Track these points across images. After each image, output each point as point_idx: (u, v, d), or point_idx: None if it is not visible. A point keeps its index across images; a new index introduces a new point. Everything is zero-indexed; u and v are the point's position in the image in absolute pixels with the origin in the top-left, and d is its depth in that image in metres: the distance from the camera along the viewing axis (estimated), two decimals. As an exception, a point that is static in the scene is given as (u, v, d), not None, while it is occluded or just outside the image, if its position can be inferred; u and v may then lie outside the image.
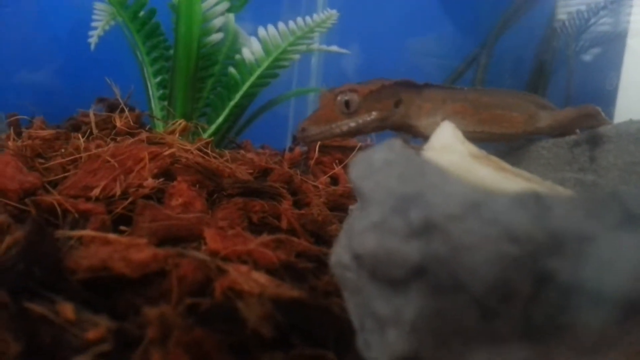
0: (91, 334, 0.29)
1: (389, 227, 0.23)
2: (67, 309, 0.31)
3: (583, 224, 0.22)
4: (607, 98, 1.42)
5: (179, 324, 0.29)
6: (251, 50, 0.92)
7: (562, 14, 1.49)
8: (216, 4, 0.87)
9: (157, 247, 0.40)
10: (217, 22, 0.89)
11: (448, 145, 0.39)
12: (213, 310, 0.33)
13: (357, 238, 0.25)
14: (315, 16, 0.91)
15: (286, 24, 0.91)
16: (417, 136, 0.55)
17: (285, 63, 0.95)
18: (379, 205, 0.25)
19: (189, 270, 0.37)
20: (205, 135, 0.93)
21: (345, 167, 0.84)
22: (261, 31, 0.92)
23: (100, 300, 0.35)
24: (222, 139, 0.99)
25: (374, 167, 0.28)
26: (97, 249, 0.38)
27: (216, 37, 0.91)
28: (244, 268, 0.39)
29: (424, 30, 1.53)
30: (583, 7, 1.35)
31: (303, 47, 0.95)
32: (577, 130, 0.56)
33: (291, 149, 1.01)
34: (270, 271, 0.40)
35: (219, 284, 0.35)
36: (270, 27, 0.92)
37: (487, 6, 1.59)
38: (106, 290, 0.36)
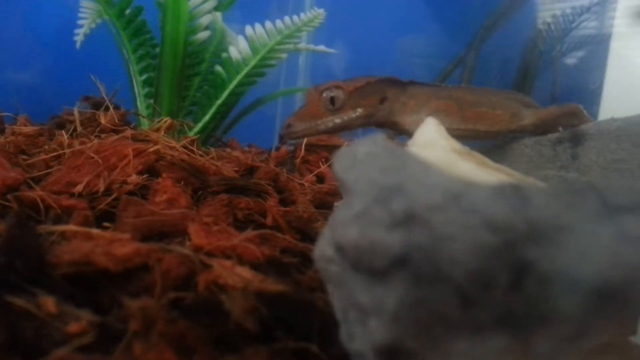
0: (72, 327, 0.29)
1: (371, 218, 0.23)
2: (49, 303, 0.30)
3: (561, 214, 0.23)
4: (592, 99, 1.44)
5: (162, 316, 0.29)
6: (238, 48, 0.92)
7: (547, 17, 1.51)
8: (203, 2, 0.87)
9: (141, 242, 0.39)
10: (204, 20, 0.89)
11: (431, 141, 0.39)
12: (197, 303, 0.33)
13: (339, 229, 0.25)
14: (302, 15, 0.91)
15: (273, 22, 0.91)
16: (401, 133, 0.55)
17: (273, 62, 0.95)
18: (361, 196, 0.25)
19: (173, 265, 0.37)
20: (191, 134, 0.92)
21: (331, 166, 0.85)
22: (248, 30, 0.92)
23: (83, 295, 0.35)
24: (209, 137, 0.98)
25: (357, 159, 0.28)
26: (80, 243, 0.38)
27: (203, 35, 0.90)
28: (228, 263, 0.38)
29: (411, 31, 1.54)
30: (568, 10, 1.37)
31: (290, 46, 0.95)
32: (560, 128, 0.56)
33: (277, 148, 1.01)
34: (255, 266, 0.40)
35: (202, 278, 0.35)
36: (258, 26, 0.92)
37: (474, 8, 1.60)
38: (88, 285, 0.36)
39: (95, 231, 0.39)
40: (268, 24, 0.92)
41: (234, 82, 0.94)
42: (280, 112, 1.44)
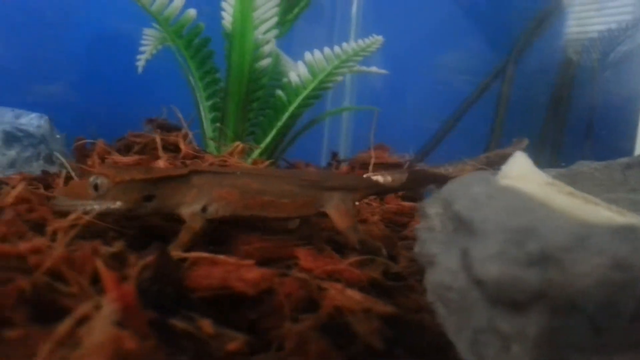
0: (231, 346, 0.34)
1: (509, 257, 0.28)
2: (206, 324, 0.35)
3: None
4: (630, 113, 1.45)
5: (313, 337, 0.34)
6: (298, 73, 0.97)
7: (594, 27, 1.53)
8: (266, 31, 0.92)
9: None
10: (267, 48, 0.94)
11: (523, 174, 0.43)
12: (326, 324, 0.37)
13: (479, 266, 0.29)
14: (360, 41, 0.95)
15: (332, 48, 0.96)
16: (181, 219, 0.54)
17: (329, 85, 1.00)
18: (494, 237, 0.29)
19: (294, 288, 0.42)
20: (255, 155, 0.98)
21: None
22: (307, 55, 0.97)
23: (220, 316, 0.40)
24: (269, 157, 1.04)
25: (478, 201, 0.32)
26: (209, 269, 0.43)
27: (265, 62, 0.96)
28: (338, 286, 0.43)
29: (452, 47, 1.57)
30: (613, 26, 1.39)
31: (346, 70, 1.00)
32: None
33: (337, 166, 1.06)
34: (360, 289, 0.44)
35: (328, 301, 0.39)
36: (316, 52, 0.97)
37: (514, 20, 1.63)
38: (222, 307, 0.41)
39: (221, 257, 0.44)
40: (326, 49, 0.97)
41: (294, 105, 0.99)
42: (328, 129, 1.49)
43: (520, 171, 0.44)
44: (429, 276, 0.38)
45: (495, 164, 0.74)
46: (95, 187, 0.49)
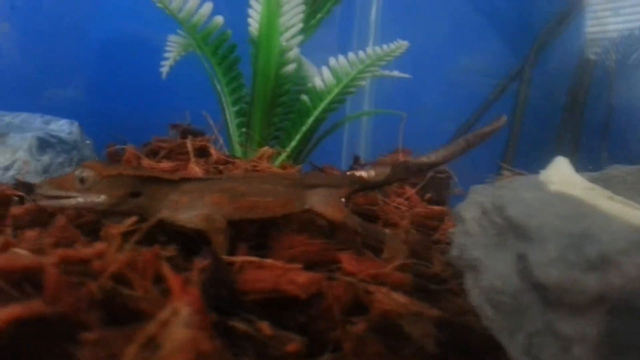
0: (291, 347, 0.35)
1: (568, 262, 0.29)
2: (265, 326, 0.36)
3: None
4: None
5: (369, 339, 0.35)
6: (322, 78, 0.99)
7: (614, 27, 1.53)
8: (291, 37, 0.94)
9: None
10: (292, 54, 0.96)
11: (566, 179, 0.44)
12: (379, 327, 0.38)
13: (539, 270, 0.30)
14: (384, 46, 0.97)
15: (356, 53, 0.98)
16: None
17: (353, 89, 1.01)
18: (552, 242, 0.30)
19: (341, 291, 0.43)
20: (281, 159, 0.99)
21: (418, 189, 0.90)
22: (332, 60, 0.98)
23: (271, 318, 0.41)
24: (295, 161, 1.05)
25: (533, 207, 0.33)
26: (257, 272, 0.44)
27: (291, 67, 0.97)
28: (384, 289, 0.44)
29: (470, 49, 1.58)
30: (635, 24, 1.39)
31: (370, 74, 1.01)
32: None
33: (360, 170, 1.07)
34: (405, 292, 0.46)
35: (377, 304, 0.40)
36: (341, 57, 0.98)
37: (532, 21, 1.63)
38: (272, 309, 0.42)
39: (267, 261, 0.45)
40: (351, 54, 0.98)
41: (318, 109, 1.00)
42: (347, 133, 1.50)
43: (561, 176, 0.45)
44: (475, 280, 0.39)
45: (475, 145, 0.77)
46: (82, 180, 0.49)
